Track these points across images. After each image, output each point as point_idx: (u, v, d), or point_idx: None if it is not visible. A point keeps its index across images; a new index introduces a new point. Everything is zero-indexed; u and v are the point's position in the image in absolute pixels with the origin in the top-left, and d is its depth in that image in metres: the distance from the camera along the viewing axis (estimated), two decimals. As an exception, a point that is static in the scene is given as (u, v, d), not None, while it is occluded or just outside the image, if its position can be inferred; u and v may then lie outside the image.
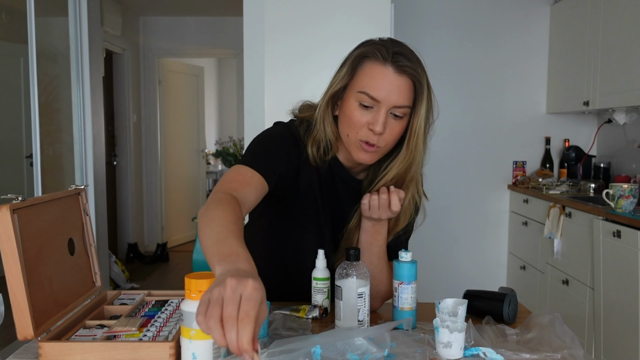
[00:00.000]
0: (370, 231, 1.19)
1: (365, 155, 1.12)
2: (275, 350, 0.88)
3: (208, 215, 0.91)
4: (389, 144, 1.13)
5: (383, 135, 1.09)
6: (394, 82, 1.07)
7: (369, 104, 1.08)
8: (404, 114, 1.10)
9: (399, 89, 1.08)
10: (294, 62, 2.35)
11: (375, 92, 1.07)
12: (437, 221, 3.69)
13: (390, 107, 1.08)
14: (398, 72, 1.08)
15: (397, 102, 1.08)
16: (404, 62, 1.09)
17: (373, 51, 1.09)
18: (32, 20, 2.87)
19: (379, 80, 1.07)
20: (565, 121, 3.69)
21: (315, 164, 1.19)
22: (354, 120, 1.10)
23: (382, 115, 1.08)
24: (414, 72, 1.09)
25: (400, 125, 1.11)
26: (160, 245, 5.38)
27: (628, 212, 2.43)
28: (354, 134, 1.11)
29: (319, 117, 1.16)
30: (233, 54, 5.57)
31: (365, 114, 1.09)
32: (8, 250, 0.90)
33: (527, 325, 1.12)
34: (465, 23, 3.64)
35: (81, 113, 3.30)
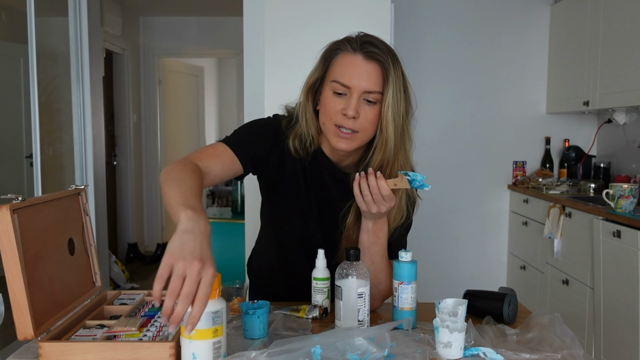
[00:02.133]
0: (371, 230, 1.19)
1: (342, 142, 1.15)
2: (275, 350, 0.88)
3: (173, 176, 1.00)
4: (367, 130, 1.15)
5: (358, 120, 1.13)
6: (362, 68, 1.12)
7: (342, 91, 1.13)
8: (376, 100, 1.13)
9: (367, 74, 1.12)
10: (294, 62, 2.35)
11: (346, 80, 1.12)
12: (437, 221, 3.69)
13: (362, 92, 1.12)
14: (367, 58, 1.13)
15: (367, 87, 1.12)
16: (372, 49, 1.13)
17: (344, 43, 1.16)
18: (32, 20, 2.87)
19: (349, 67, 1.13)
20: (565, 121, 3.69)
21: (298, 156, 1.23)
22: (329, 107, 1.14)
23: (354, 100, 1.12)
24: (381, 59, 1.13)
25: (374, 111, 1.14)
26: (161, 245, 5.38)
27: (628, 212, 2.43)
28: (329, 120, 1.15)
29: (300, 110, 1.22)
30: (233, 54, 5.57)
31: (339, 101, 1.14)
32: (8, 250, 0.90)
33: (527, 325, 1.12)
34: (465, 23, 3.64)
35: (81, 113, 3.30)
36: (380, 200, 1.11)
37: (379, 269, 1.21)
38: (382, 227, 1.19)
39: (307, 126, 1.21)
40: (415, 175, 1.08)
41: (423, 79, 3.64)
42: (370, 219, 1.18)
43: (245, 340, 1.06)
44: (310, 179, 1.26)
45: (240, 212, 3.69)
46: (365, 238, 1.20)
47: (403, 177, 1.10)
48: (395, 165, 1.17)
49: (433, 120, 3.65)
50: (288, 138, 1.23)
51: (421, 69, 3.63)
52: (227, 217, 3.71)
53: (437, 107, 3.66)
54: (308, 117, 1.21)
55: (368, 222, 1.18)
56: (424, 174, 1.11)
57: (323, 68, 1.18)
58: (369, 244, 1.20)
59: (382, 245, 1.21)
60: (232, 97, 6.81)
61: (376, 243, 1.20)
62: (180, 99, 5.97)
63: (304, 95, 1.21)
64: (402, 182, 1.10)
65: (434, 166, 3.66)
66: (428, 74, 3.64)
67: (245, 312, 1.06)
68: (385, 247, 1.22)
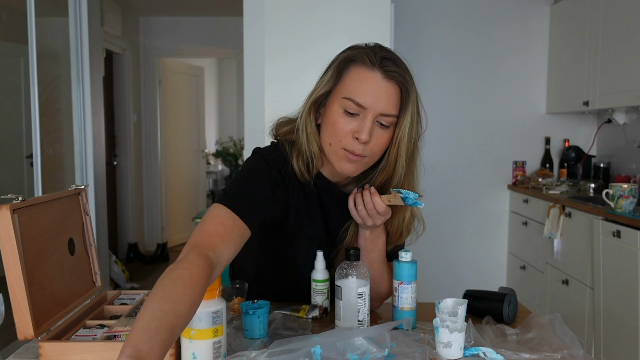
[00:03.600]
0: (369, 238, 1.18)
1: (349, 165, 1.06)
2: (275, 350, 0.88)
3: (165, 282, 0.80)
4: (375, 155, 1.07)
5: (369, 145, 1.03)
6: (381, 88, 1.01)
7: (355, 111, 1.02)
8: (390, 124, 1.04)
9: (387, 95, 1.02)
10: (294, 62, 2.35)
11: (361, 98, 1.01)
12: (437, 221, 3.69)
13: (377, 114, 1.02)
14: (386, 77, 1.02)
15: (384, 110, 1.02)
16: (392, 67, 1.03)
17: (360, 55, 1.04)
18: (32, 20, 2.87)
19: (366, 85, 1.01)
20: (565, 121, 3.69)
21: (304, 179, 1.12)
22: (338, 128, 1.03)
23: (368, 123, 1.01)
24: (401, 79, 1.03)
25: (387, 135, 1.05)
26: (161, 245, 5.38)
27: (628, 212, 2.43)
28: (337, 142, 1.04)
29: (301, 125, 1.09)
30: (233, 54, 5.57)
31: (350, 121, 1.03)
32: (8, 250, 0.90)
33: (527, 325, 1.12)
34: (465, 23, 3.64)
35: (81, 113, 3.30)
36: (376, 215, 1.10)
37: (377, 273, 1.21)
38: (379, 235, 1.18)
39: (309, 144, 1.09)
40: (408, 193, 1.08)
41: (423, 79, 3.64)
42: (367, 229, 1.17)
43: (245, 340, 1.06)
44: (311, 204, 1.18)
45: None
46: (363, 244, 1.19)
47: (396, 195, 1.09)
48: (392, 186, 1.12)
49: (433, 120, 3.62)
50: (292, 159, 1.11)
51: (421, 69, 3.63)
52: (227, 217, 3.71)
53: (437, 107, 3.66)
54: (309, 132, 1.08)
55: (365, 231, 1.17)
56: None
57: (334, 81, 1.05)
58: (367, 250, 1.19)
59: (380, 251, 1.20)
60: (232, 97, 6.82)
61: (374, 250, 1.19)
62: (180, 99, 5.97)
63: (307, 109, 1.08)
64: (396, 199, 1.09)
65: (434, 166, 3.63)
66: (428, 74, 3.64)
67: (245, 312, 1.06)
68: (384, 252, 1.21)
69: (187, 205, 6.09)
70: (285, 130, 1.17)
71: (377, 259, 1.20)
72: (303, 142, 1.09)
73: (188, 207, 6.07)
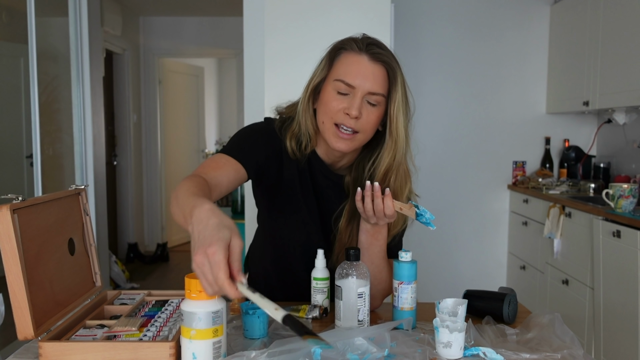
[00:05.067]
0: (370, 232, 1.19)
1: (342, 142, 1.14)
2: (275, 351, 0.88)
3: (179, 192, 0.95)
4: (366, 132, 1.14)
5: (360, 121, 1.12)
6: (368, 69, 1.11)
7: (345, 91, 1.12)
8: (378, 102, 1.13)
9: (373, 75, 1.11)
10: (294, 62, 2.35)
11: (350, 79, 1.11)
12: (437, 221, 3.68)
13: (365, 93, 1.11)
14: (372, 59, 1.12)
15: (372, 89, 1.11)
16: (377, 50, 1.13)
17: (349, 42, 1.15)
18: (32, 20, 2.87)
19: (354, 67, 1.12)
20: (565, 121, 3.69)
21: (295, 158, 1.22)
22: (331, 106, 1.13)
23: (357, 100, 1.11)
24: (387, 60, 1.13)
25: (376, 113, 1.13)
26: (161, 245, 5.38)
27: (628, 212, 2.43)
28: (329, 119, 1.14)
29: (301, 110, 1.19)
30: (233, 54, 5.57)
31: (341, 100, 1.12)
32: (8, 250, 0.90)
33: (527, 325, 1.12)
34: (465, 23, 3.64)
35: (81, 113, 3.30)
36: (382, 217, 1.11)
37: (378, 269, 1.21)
38: (381, 230, 1.19)
39: (306, 125, 1.19)
40: (425, 211, 1.08)
41: (423, 79, 3.64)
42: (369, 223, 1.18)
43: (245, 340, 1.06)
44: (305, 182, 1.25)
45: (240, 212, 3.69)
46: (364, 239, 1.20)
47: (412, 207, 1.09)
48: (400, 170, 1.17)
49: (433, 120, 3.65)
50: (285, 139, 1.21)
51: (421, 69, 3.63)
52: (227, 217, 3.71)
53: (437, 108, 3.66)
54: (307, 116, 1.19)
55: (367, 224, 1.18)
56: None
57: (327, 69, 1.16)
58: (368, 244, 1.20)
59: (381, 246, 1.21)
60: (232, 97, 6.81)
61: (375, 244, 1.20)
62: (180, 99, 5.97)
63: (306, 93, 1.19)
64: (410, 211, 1.09)
65: (434, 166, 3.66)
66: (428, 74, 3.64)
67: (245, 312, 1.06)
68: (385, 248, 1.22)
69: (187, 205, 6.08)
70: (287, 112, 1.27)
71: (378, 254, 1.21)
72: (301, 124, 1.19)
73: (188, 207, 6.06)
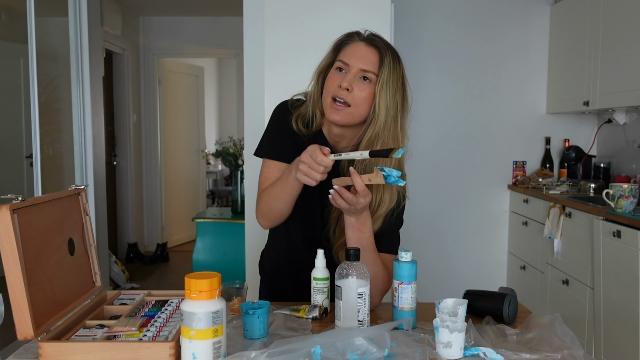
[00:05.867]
0: (355, 225, 1.20)
1: (335, 113, 1.23)
2: (275, 351, 0.88)
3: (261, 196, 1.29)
4: (358, 106, 1.22)
5: (351, 94, 1.22)
6: (362, 50, 1.25)
7: (342, 67, 1.25)
8: (370, 78, 1.23)
9: (366, 55, 1.24)
10: (294, 62, 2.35)
11: (347, 59, 1.25)
12: (437, 221, 3.69)
13: (358, 70, 1.23)
14: (368, 44, 1.26)
15: (364, 66, 1.23)
16: (374, 37, 1.27)
17: (353, 35, 1.30)
18: (32, 20, 2.87)
19: (352, 50, 1.26)
20: (565, 121, 3.69)
21: (301, 133, 1.32)
22: (330, 81, 1.26)
23: (350, 75, 1.23)
24: (380, 45, 1.25)
25: (368, 90, 1.22)
26: (160, 245, 5.38)
27: (628, 212, 2.43)
28: (327, 93, 1.25)
29: (311, 92, 1.32)
30: (233, 54, 5.57)
31: (338, 76, 1.24)
32: (8, 250, 0.90)
33: (527, 325, 1.12)
34: (465, 23, 3.64)
35: (81, 113, 3.30)
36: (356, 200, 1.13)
37: (370, 263, 1.21)
38: (365, 222, 1.21)
39: (313, 106, 1.31)
40: (391, 170, 1.09)
41: (423, 79, 3.64)
42: (352, 215, 1.19)
43: (245, 340, 1.06)
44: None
45: (240, 212, 3.69)
46: (350, 234, 1.21)
47: (378, 173, 1.10)
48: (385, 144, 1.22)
49: (433, 120, 3.65)
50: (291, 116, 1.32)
51: (421, 69, 3.63)
52: (227, 217, 3.71)
53: (437, 107, 3.66)
54: (315, 98, 1.30)
55: (350, 218, 1.20)
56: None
57: (333, 55, 1.29)
58: (356, 238, 1.20)
59: (368, 239, 1.22)
60: (232, 97, 6.82)
61: (362, 237, 1.21)
62: (180, 99, 5.97)
63: (316, 78, 1.31)
64: (377, 177, 1.10)
65: (434, 166, 3.66)
66: (428, 74, 3.64)
67: (245, 312, 1.06)
68: (372, 240, 1.23)
69: (187, 205, 6.09)
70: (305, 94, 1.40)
71: (366, 247, 1.21)
72: (309, 105, 1.32)
73: (188, 207, 6.07)
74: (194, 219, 3.77)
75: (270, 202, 1.28)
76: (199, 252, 3.67)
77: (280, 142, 1.34)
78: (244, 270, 2.57)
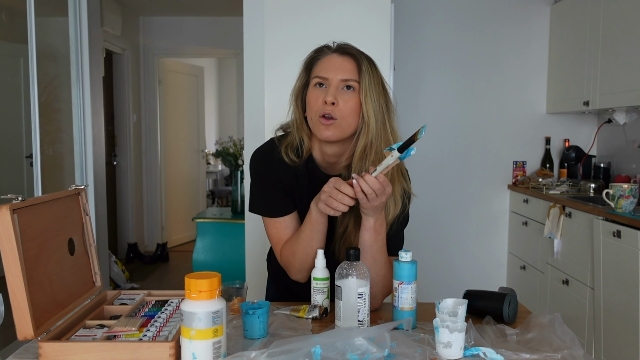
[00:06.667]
0: (374, 227, 1.19)
1: (325, 130, 1.20)
2: (275, 351, 0.88)
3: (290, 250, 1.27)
4: (346, 118, 1.20)
5: (337, 107, 1.19)
6: (338, 62, 1.23)
7: (321, 83, 1.22)
8: (353, 86, 1.21)
9: (343, 66, 1.22)
10: (294, 62, 2.34)
11: (324, 73, 1.22)
12: (437, 221, 3.69)
13: (339, 81, 1.20)
14: (341, 54, 1.24)
15: (344, 76, 1.21)
16: (345, 46, 1.26)
17: (322, 49, 1.28)
18: (32, 20, 2.87)
19: (327, 63, 1.24)
20: (565, 121, 3.69)
21: (294, 164, 1.28)
22: (312, 100, 1.22)
23: (332, 89, 1.20)
24: (355, 53, 1.23)
25: (354, 99, 1.20)
26: (160, 245, 5.38)
27: (628, 212, 2.43)
28: (313, 112, 1.22)
29: (293, 118, 1.29)
30: (233, 54, 5.57)
31: (320, 93, 1.21)
32: (8, 250, 0.90)
33: (527, 325, 1.12)
34: (465, 23, 3.64)
35: (81, 113, 3.30)
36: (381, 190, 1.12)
37: (380, 265, 1.22)
38: (382, 223, 1.21)
39: (299, 132, 1.27)
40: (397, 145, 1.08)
41: (423, 79, 3.64)
42: (372, 215, 1.18)
43: (245, 340, 1.06)
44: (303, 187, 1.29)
45: (240, 212, 3.69)
46: (367, 236, 1.20)
47: (390, 154, 1.09)
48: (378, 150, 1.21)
49: (433, 119, 3.65)
50: (280, 150, 1.27)
51: (421, 69, 3.63)
52: (227, 217, 3.71)
53: (437, 107, 3.66)
54: (298, 122, 1.27)
55: (370, 219, 1.18)
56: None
57: (306, 75, 1.27)
58: (372, 241, 1.20)
59: (383, 241, 1.22)
60: (232, 97, 6.82)
61: (378, 240, 1.20)
62: (180, 99, 5.97)
63: (293, 103, 1.28)
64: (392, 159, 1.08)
65: (434, 166, 3.66)
66: (428, 74, 3.64)
67: (245, 312, 1.06)
68: (385, 243, 1.23)
69: (187, 205, 6.08)
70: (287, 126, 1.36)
71: (380, 249, 1.21)
72: (293, 131, 1.28)
73: (188, 207, 6.07)
74: (194, 219, 3.77)
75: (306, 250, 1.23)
76: (199, 252, 3.67)
77: (272, 195, 1.28)
78: (244, 270, 2.57)
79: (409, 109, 3.61)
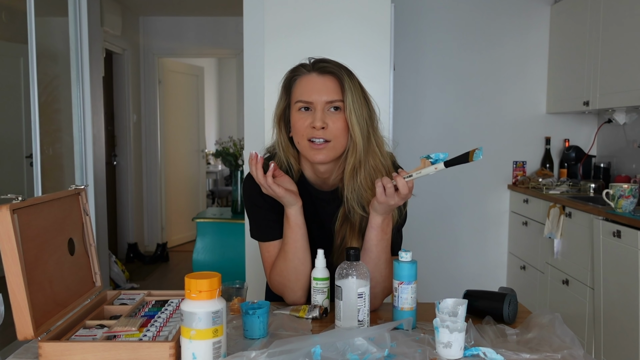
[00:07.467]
0: (381, 226, 1.20)
1: (318, 154, 1.20)
2: (275, 351, 0.88)
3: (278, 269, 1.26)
4: (338, 138, 1.20)
5: (328, 130, 1.19)
6: (319, 83, 1.20)
7: (307, 106, 1.20)
8: (340, 106, 1.20)
9: (325, 87, 1.20)
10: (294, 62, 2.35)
11: (306, 96, 1.20)
12: (437, 221, 3.69)
13: (323, 104, 1.19)
14: (320, 74, 1.21)
15: (328, 98, 1.19)
16: (323, 65, 1.22)
17: (298, 68, 1.25)
18: (32, 20, 2.87)
19: (308, 85, 1.21)
20: (565, 121, 3.69)
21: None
22: (298, 125, 1.21)
23: (318, 113, 1.19)
24: (333, 71, 1.21)
25: (342, 118, 1.20)
26: (160, 245, 5.38)
27: (628, 212, 2.43)
28: (301, 137, 1.21)
29: (277, 142, 1.28)
30: (233, 54, 5.57)
31: (306, 117, 1.20)
32: (8, 250, 0.90)
33: (527, 325, 1.12)
34: (465, 23, 3.64)
35: (81, 113, 3.30)
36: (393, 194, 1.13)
37: (384, 264, 1.23)
38: (389, 223, 1.22)
39: (285, 155, 1.27)
40: (437, 155, 1.09)
41: (423, 79, 3.64)
42: (381, 214, 1.18)
43: (245, 340, 1.06)
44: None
45: (240, 212, 3.69)
46: (374, 235, 1.20)
47: (425, 162, 1.10)
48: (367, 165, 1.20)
49: (433, 120, 3.65)
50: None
51: (421, 70, 3.63)
52: (227, 217, 3.71)
53: (437, 108, 3.66)
54: (284, 145, 1.26)
55: (378, 217, 1.19)
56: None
57: (286, 96, 1.25)
58: (378, 240, 1.21)
59: (388, 241, 1.23)
60: (232, 97, 6.82)
61: (383, 239, 1.21)
62: (180, 99, 5.97)
63: (276, 126, 1.27)
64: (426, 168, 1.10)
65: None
66: (428, 74, 3.64)
67: (245, 312, 1.06)
68: (389, 243, 1.24)
69: (187, 205, 6.09)
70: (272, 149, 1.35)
71: (385, 248, 1.22)
72: (280, 155, 1.27)
73: (188, 207, 6.07)
74: (194, 219, 3.77)
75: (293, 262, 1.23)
76: (199, 252, 3.67)
77: (265, 219, 1.28)
78: (244, 270, 2.57)
79: (409, 109, 3.61)
